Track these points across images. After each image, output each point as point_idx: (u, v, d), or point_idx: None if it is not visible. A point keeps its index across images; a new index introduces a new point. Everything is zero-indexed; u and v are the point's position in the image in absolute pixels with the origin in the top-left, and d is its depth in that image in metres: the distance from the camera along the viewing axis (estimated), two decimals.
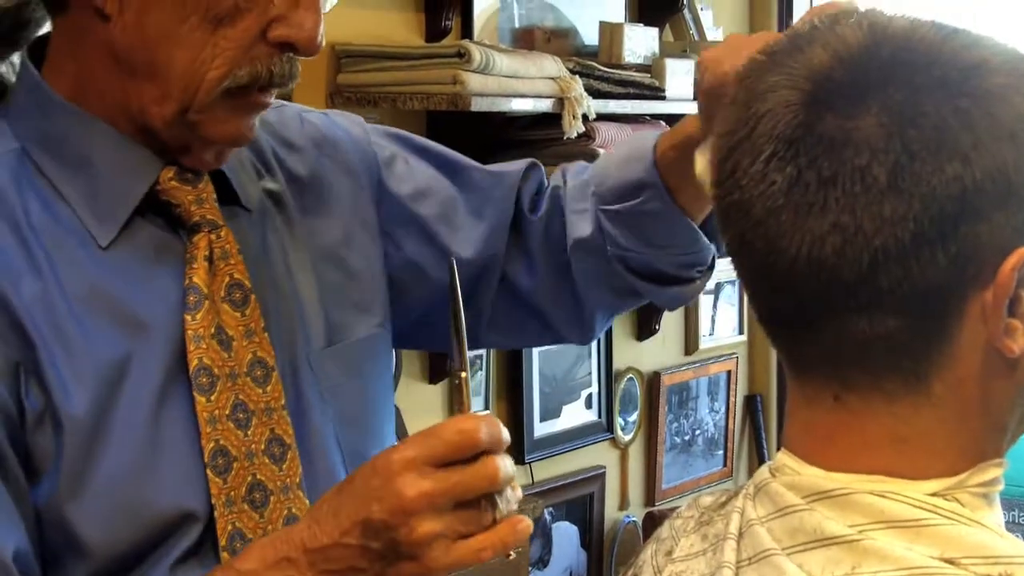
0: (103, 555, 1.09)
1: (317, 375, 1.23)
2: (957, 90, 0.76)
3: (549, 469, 3.35)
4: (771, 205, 0.78)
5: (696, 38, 3.49)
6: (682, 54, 3.28)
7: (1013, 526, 3.74)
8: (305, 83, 2.72)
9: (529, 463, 3.24)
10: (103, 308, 1.12)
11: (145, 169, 1.15)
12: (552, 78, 2.77)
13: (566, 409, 3.38)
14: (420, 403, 3.05)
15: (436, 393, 3.09)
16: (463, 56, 2.57)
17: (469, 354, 1.09)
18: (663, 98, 3.11)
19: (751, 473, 0.87)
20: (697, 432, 3.82)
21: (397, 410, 2.95)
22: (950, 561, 0.75)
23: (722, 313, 3.87)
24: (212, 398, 1.13)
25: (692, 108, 3.34)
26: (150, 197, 1.15)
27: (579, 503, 3.46)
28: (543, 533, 3.32)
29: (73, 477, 1.08)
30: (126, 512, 1.10)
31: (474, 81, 2.58)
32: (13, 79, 1.19)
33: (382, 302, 1.34)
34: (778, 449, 0.86)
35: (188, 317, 1.14)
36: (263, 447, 1.16)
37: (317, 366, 1.23)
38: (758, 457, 3.92)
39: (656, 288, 1.41)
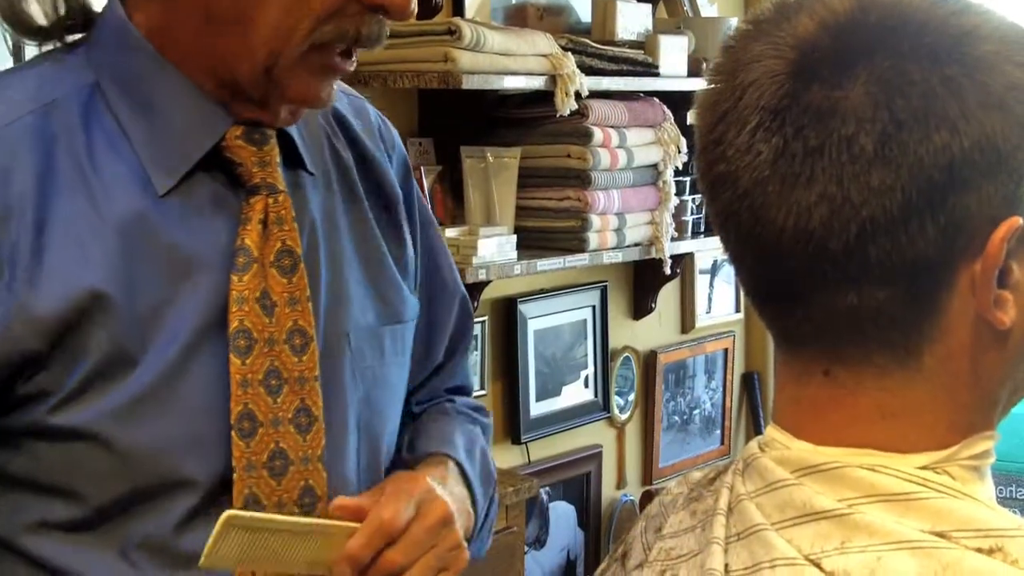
0: (105, 494, 1.10)
1: (354, 353, 1.23)
2: (946, 57, 0.75)
3: (546, 449, 3.35)
4: (757, 176, 0.77)
5: (690, 14, 3.48)
6: (676, 31, 3.27)
7: (1011, 501, 3.74)
8: None
9: (525, 443, 3.25)
10: (149, 249, 1.12)
11: (214, 124, 1.15)
12: (544, 55, 2.76)
13: (566, 389, 3.38)
14: None
15: None
16: (454, 33, 2.56)
17: None
18: (657, 75, 3.11)
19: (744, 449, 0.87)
20: (694, 410, 3.82)
21: None
22: (940, 534, 0.74)
23: (719, 291, 3.87)
24: (247, 362, 1.14)
25: (685, 85, 3.33)
26: (214, 153, 1.15)
27: (576, 482, 3.46)
28: (540, 513, 3.32)
29: (92, 400, 1.09)
30: (137, 449, 1.10)
31: (465, 59, 2.57)
32: (98, 9, 1.19)
33: (410, 296, 1.33)
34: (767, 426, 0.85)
35: (235, 278, 1.14)
36: (291, 416, 1.16)
37: (355, 345, 1.24)
38: (756, 435, 3.89)
39: None
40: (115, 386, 1.10)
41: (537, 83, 2.77)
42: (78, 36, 1.19)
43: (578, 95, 2.80)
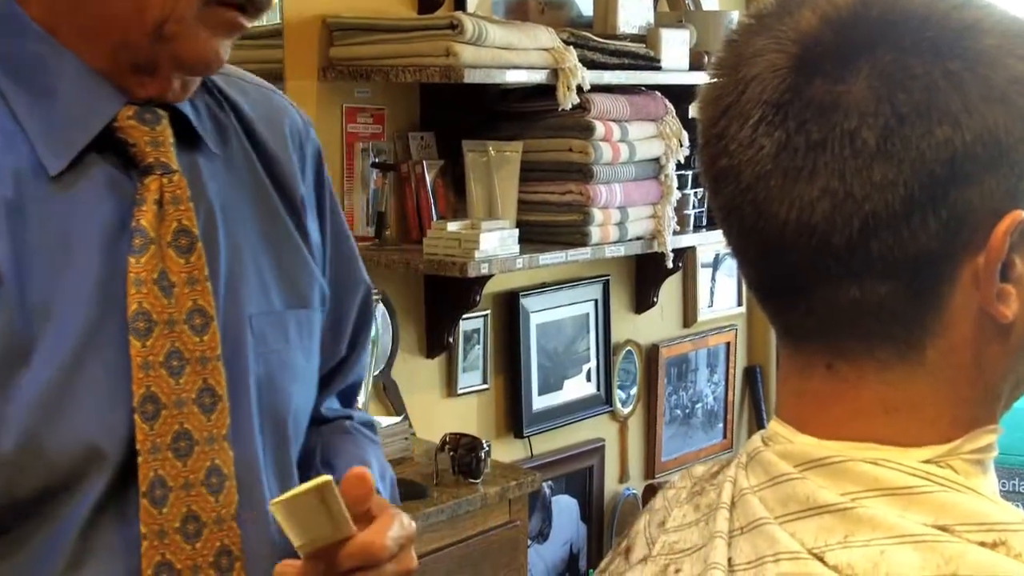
0: (8, 493, 1.07)
1: (256, 336, 1.22)
2: (948, 51, 0.75)
3: (548, 442, 3.35)
4: (760, 171, 0.77)
5: (692, 8, 3.47)
6: (677, 24, 3.27)
7: (1014, 495, 3.74)
8: (296, 57, 2.72)
9: (528, 436, 3.25)
10: (40, 234, 1.10)
11: (106, 105, 1.14)
12: (546, 49, 2.76)
13: (568, 383, 3.38)
14: (417, 377, 3.05)
15: (433, 368, 3.09)
16: (456, 28, 2.56)
17: (467, 327, 1.11)
18: (659, 68, 3.11)
19: (746, 443, 0.87)
20: (697, 404, 3.82)
21: (394, 384, 2.96)
22: (944, 528, 0.74)
23: (721, 285, 3.87)
24: (148, 344, 1.12)
25: (687, 78, 3.33)
26: (107, 135, 1.14)
27: (579, 476, 3.46)
28: (543, 507, 3.32)
29: None
30: (34, 444, 1.08)
31: (467, 53, 2.57)
32: None
33: (320, 283, 1.32)
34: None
35: (132, 260, 1.13)
36: (194, 396, 1.15)
37: (258, 327, 1.22)
38: (758, 428, 3.90)
39: None
40: (13, 383, 1.07)
41: (539, 77, 2.77)
42: None
43: (580, 89, 2.80)
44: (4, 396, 1.06)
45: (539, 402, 3.28)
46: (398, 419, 2.78)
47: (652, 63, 3.08)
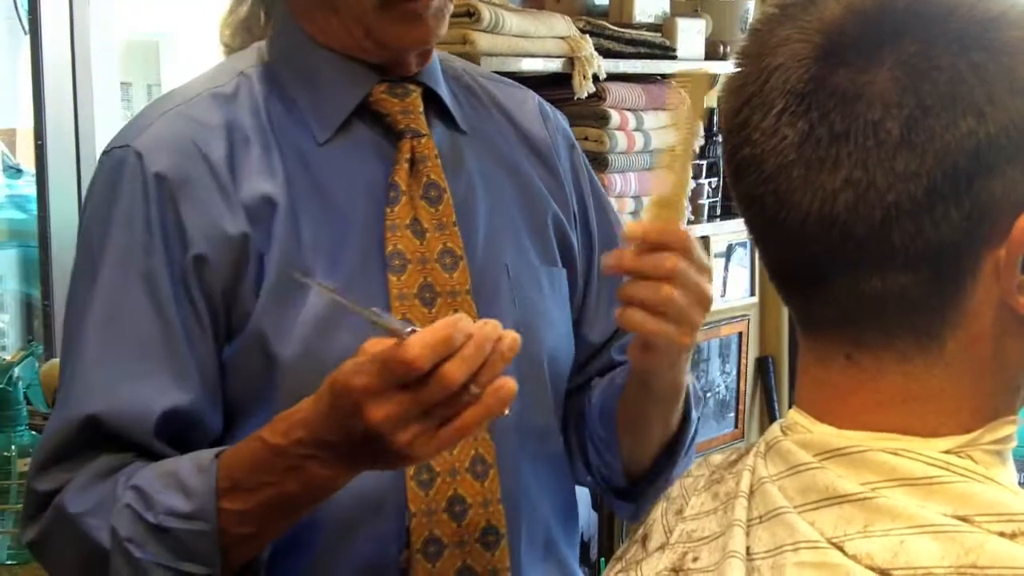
0: (291, 393, 1.18)
1: (513, 281, 1.37)
2: (973, 43, 0.75)
3: None
4: (782, 160, 0.77)
5: None
6: (693, 13, 3.26)
7: None
8: None
9: None
10: (310, 190, 1.31)
11: (361, 83, 1.35)
12: (562, 38, 2.76)
13: None
14: None
15: None
16: (473, 16, 2.55)
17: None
18: (674, 58, 3.10)
19: (765, 432, 0.87)
20: (708, 394, 3.82)
21: None
22: (963, 519, 0.74)
23: (733, 275, 3.87)
24: (402, 278, 1.30)
25: (703, 67, 3.29)
26: (365, 109, 1.35)
27: None
28: None
29: (277, 318, 1.26)
30: (312, 352, 1.25)
31: (484, 41, 2.56)
32: None
33: (573, 246, 1.46)
34: (790, 409, 0.85)
35: (388, 209, 1.32)
36: None
37: (514, 274, 1.37)
38: (769, 419, 3.92)
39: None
40: (294, 304, 1.26)
41: (555, 65, 2.76)
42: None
43: (595, 78, 2.80)
44: (286, 316, 1.26)
45: None
46: None
47: (668, 52, 3.07)
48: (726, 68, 3.12)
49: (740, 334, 3.89)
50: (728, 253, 3.84)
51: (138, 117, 1.37)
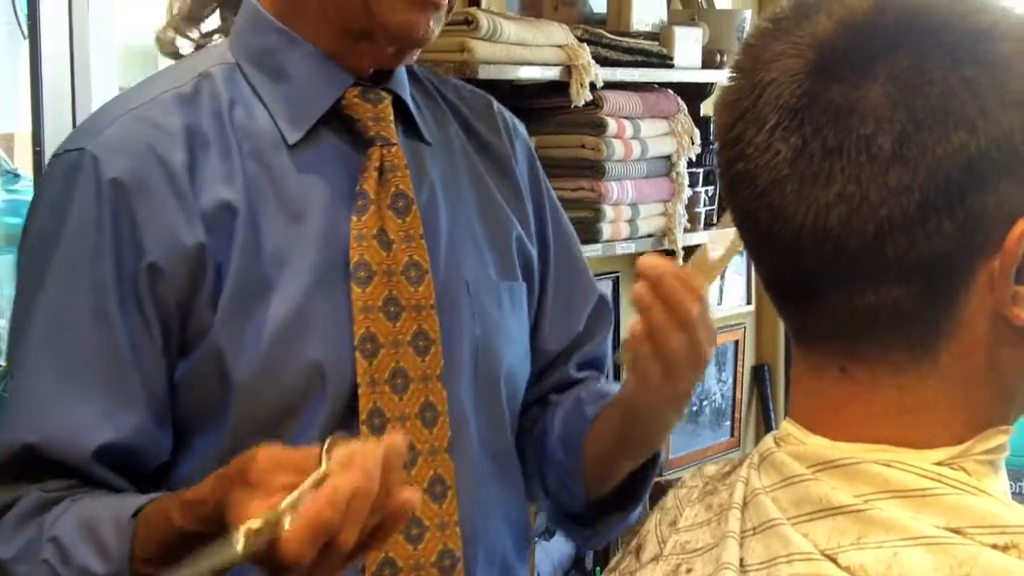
0: (245, 413, 1.19)
1: (473, 298, 1.34)
2: (965, 56, 0.75)
3: None
4: (776, 175, 0.77)
5: (704, 6, 3.47)
6: (691, 22, 3.26)
7: (1022, 498, 3.74)
8: None
9: None
10: (275, 196, 1.27)
11: (335, 84, 1.31)
12: (560, 46, 2.76)
13: None
14: None
15: None
16: (470, 24, 2.56)
17: None
18: (671, 66, 3.10)
19: (758, 443, 0.87)
20: (704, 402, 3.82)
21: None
22: (956, 531, 0.74)
23: (730, 283, 3.87)
24: (367, 290, 1.27)
25: (699, 76, 3.31)
26: (336, 112, 1.31)
27: None
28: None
29: (233, 331, 1.22)
30: (269, 369, 1.22)
31: (481, 49, 2.57)
32: None
33: (530, 258, 1.44)
34: (784, 420, 0.85)
35: (355, 218, 1.28)
36: (409, 338, 1.28)
37: (474, 291, 1.35)
38: (765, 427, 3.92)
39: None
40: (253, 318, 1.23)
41: (552, 73, 2.77)
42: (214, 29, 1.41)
43: (593, 86, 2.80)
44: (244, 329, 1.22)
45: None
46: None
47: (665, 61, 3.08)
48: (722, 77, 3.12)
49: (736, 342, 3.90)
50: None
51: (93, 118, 1.33)
